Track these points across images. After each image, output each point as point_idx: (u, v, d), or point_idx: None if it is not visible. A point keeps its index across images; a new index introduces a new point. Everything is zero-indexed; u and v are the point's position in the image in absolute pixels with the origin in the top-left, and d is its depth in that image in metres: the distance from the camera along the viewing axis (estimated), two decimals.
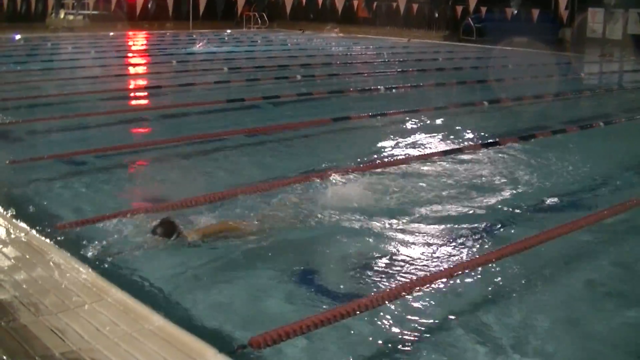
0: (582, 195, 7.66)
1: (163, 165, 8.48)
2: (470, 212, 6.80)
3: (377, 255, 5.68)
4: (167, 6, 27.94)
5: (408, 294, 4.86)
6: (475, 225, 6.42)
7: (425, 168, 8.41)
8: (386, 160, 8.76)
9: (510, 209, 6.92)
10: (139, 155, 9.02)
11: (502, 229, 6.41)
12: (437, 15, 32.05)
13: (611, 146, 10.19)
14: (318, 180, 7.44)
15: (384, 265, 5.50)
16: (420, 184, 7.66)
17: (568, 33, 28.45)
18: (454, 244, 5.97)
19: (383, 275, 5.29)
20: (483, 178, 8.04)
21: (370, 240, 5.99)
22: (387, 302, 4.70)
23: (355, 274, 5.32)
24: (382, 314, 4.60)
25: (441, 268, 5.40)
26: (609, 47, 25.45)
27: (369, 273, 5.35)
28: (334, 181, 7.43)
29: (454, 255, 5.70)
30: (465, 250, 5.81)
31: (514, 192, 7.52)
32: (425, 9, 31.65)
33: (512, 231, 6.37)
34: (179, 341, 3.80)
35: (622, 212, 6.86)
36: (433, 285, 5.03)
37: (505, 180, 7.96)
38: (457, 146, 9.54)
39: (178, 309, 4.58)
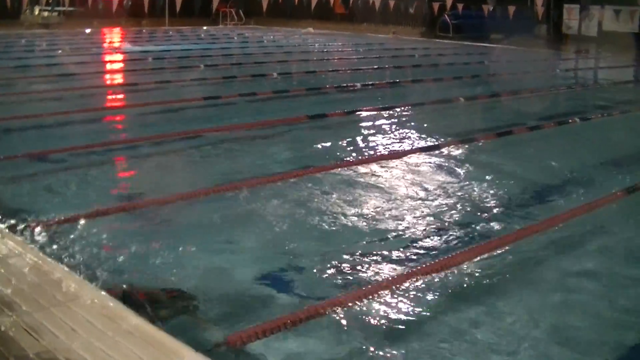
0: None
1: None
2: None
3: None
4: (143, 3, 27.74)
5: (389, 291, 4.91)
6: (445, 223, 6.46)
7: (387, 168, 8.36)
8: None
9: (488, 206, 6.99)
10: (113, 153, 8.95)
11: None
12: (414, 11, 32.13)
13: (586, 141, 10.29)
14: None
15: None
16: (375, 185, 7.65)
17: (544, 30, 28.63)
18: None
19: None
20: (455, 177, 8.06)
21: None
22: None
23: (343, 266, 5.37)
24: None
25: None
26: (584, 44, 25.66)
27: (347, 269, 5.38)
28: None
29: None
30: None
31: (493, 189, 7.59)
32: (402, 6, 31.72)
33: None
34: (156, 340, 3.77)
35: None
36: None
37: (478, 177, 8.00)
38: (431, 143, 9.56)
39: None
